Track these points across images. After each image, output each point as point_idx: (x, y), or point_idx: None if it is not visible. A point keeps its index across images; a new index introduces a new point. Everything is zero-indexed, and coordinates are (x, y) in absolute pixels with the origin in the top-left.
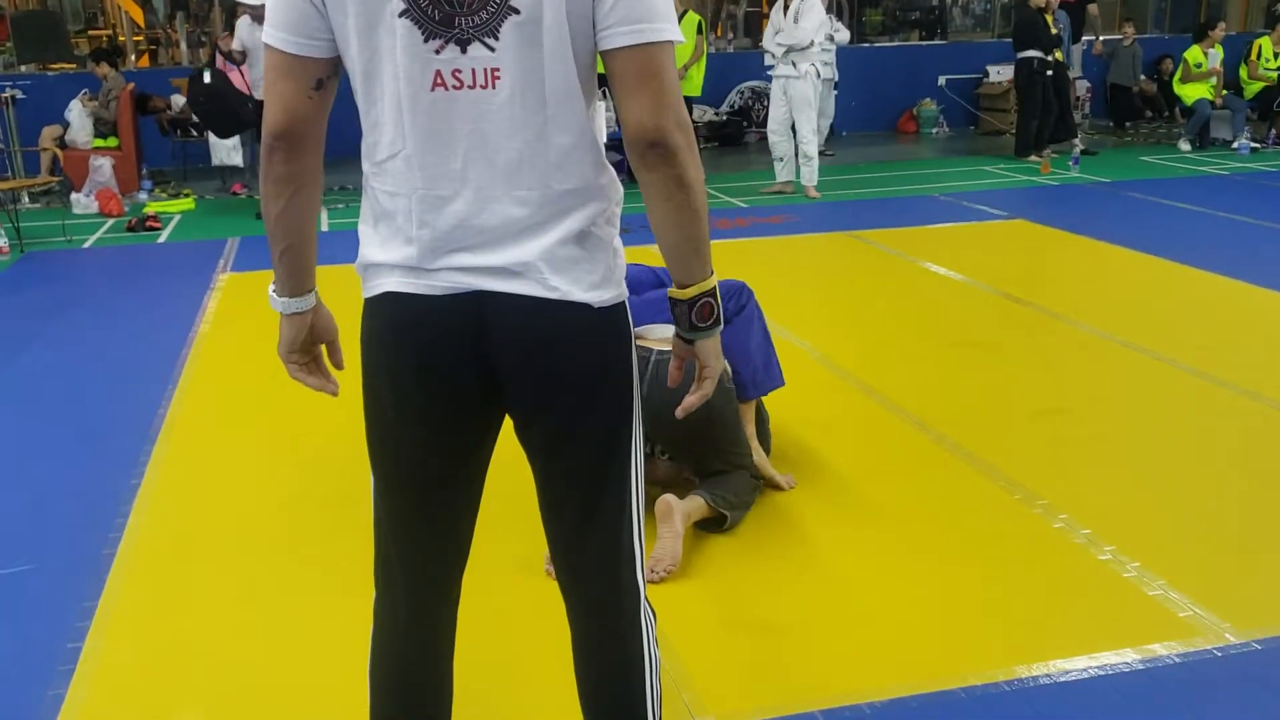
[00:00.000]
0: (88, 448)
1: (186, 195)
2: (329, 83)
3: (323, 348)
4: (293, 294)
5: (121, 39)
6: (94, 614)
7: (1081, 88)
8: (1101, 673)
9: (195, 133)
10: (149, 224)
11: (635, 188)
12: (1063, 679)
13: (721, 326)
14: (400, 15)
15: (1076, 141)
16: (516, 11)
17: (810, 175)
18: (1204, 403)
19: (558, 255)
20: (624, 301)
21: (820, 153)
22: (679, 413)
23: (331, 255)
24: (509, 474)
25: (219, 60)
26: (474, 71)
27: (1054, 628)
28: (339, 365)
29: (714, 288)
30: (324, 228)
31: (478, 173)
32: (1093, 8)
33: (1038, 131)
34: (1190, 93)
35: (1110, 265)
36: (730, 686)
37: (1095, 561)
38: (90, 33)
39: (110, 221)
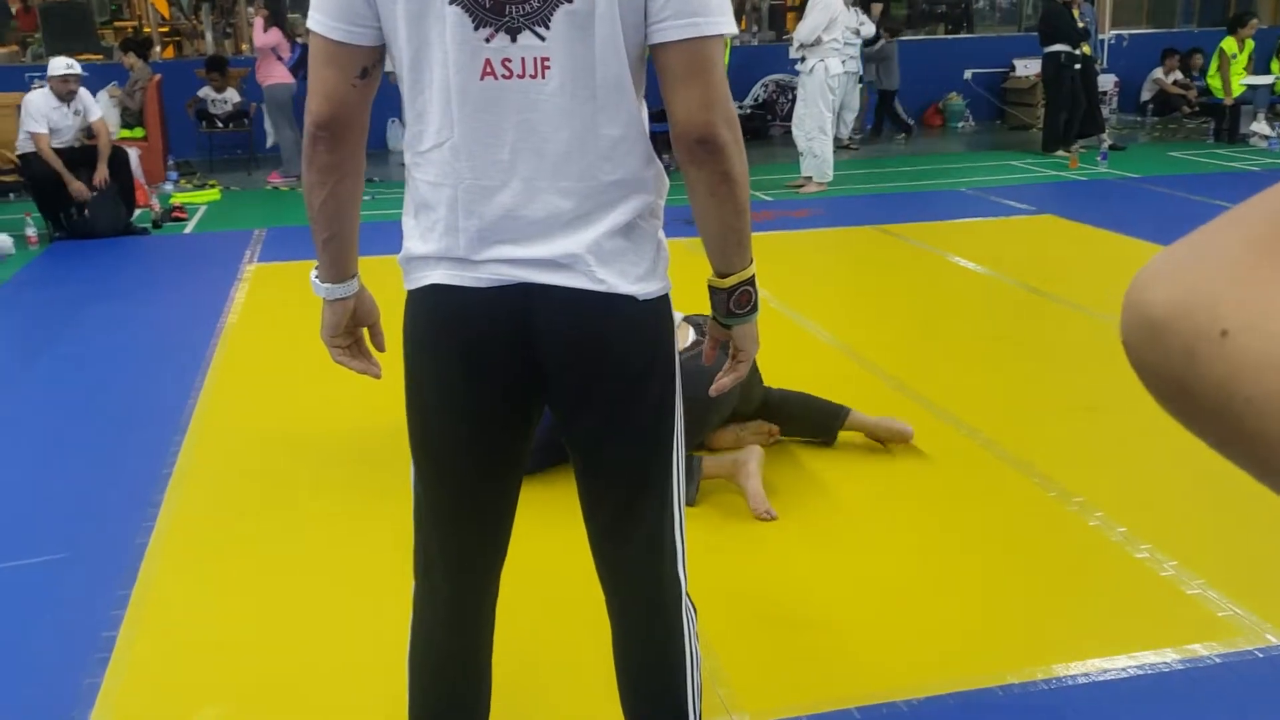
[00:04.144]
0: (119, 437)
1: (212, 186)
2: (373, 71)
3: (365, 331)
4: (335, 280)
5: (147, 30)
6: (128, 603)
7: (1108, 82)
8: (1141, 672)
9: (221, 124)
10: (175, 215)
11: (678, 179)
12: (1102, 678)
13: (758, 313)
14: (451, 3)
15: (1105, 136)
16: (569, 0)
17: (809, 168)
18: None
19: (604, 248)
20: (668, 294)
21: (845, 145)
22: (713, 391)
23: (361, 246)
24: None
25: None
26: (524, 61)
27: (1092, 626)
28: (381, 348)
29: (752, 276)
30: None
31: (526, 163)
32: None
33: (1065, 126)
34: (1232, 85)
35: (1141, 262)
36: (766, 683)
37: (1132, 560)
38: (116, 24)
39: (137, 212)
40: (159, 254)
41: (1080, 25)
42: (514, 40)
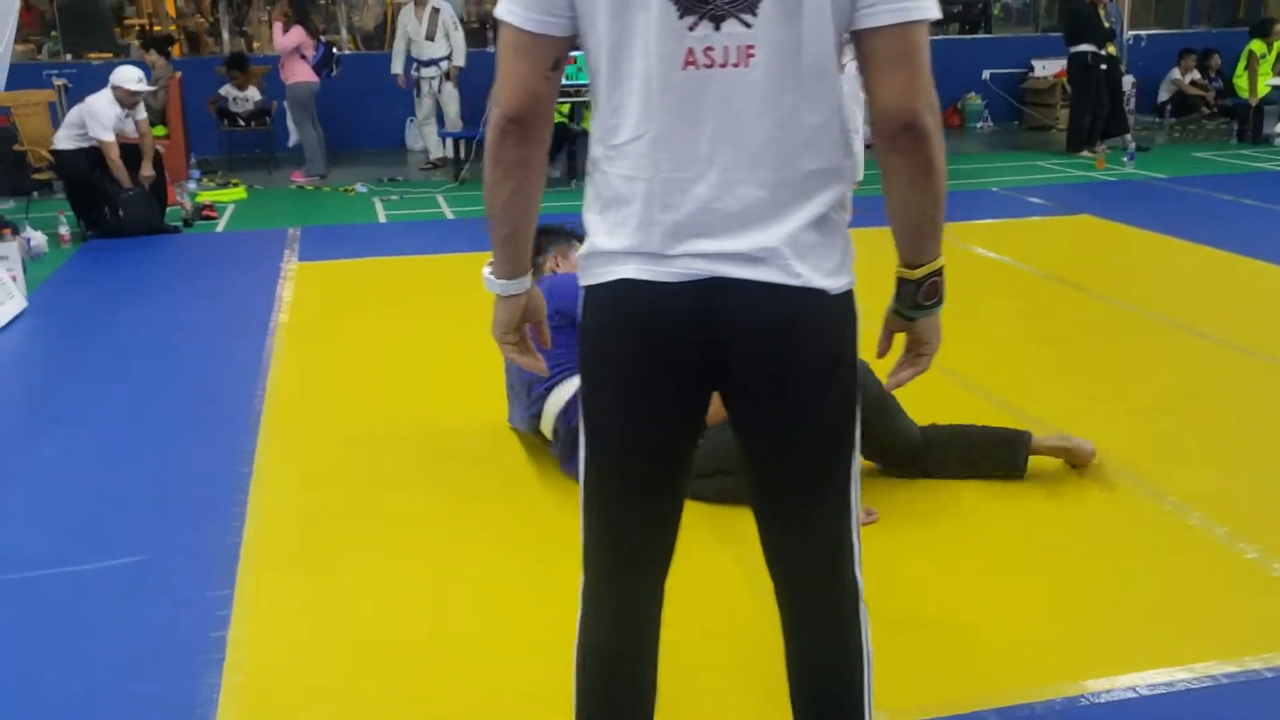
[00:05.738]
0: (189, 437)
1: (236, 185)
2: (563, 63)
3: (527, 328)
4: (511, 276)
5: (158, 28)
6: (232, 602)
7: (1127, 83)
8: (1274, 675)
9: (243, 123)
10: (205, 213)
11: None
12: (1234, 682)
13: (943, 305)
14: None
15: (1129, 137)
16: None
17: None
18: None
19: (801, 241)
20: (853, 289)
21: (867, 145)
22: (890, 385)
23: (388, 247)
24: None
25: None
26: (726, 49)
27: (1217, 629)
28: (546, 345)
29: (941, 267)
30: (381, 219)
31: (724, 154)
32: None
33: (1090, 126)
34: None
35: (1188, 262)
36: (897, 683)
37: (1243, 559)
38: (125, 21)
39: (168, 210)
40: (195, 252)
41: (1106, 25)
42: (718, 28)
